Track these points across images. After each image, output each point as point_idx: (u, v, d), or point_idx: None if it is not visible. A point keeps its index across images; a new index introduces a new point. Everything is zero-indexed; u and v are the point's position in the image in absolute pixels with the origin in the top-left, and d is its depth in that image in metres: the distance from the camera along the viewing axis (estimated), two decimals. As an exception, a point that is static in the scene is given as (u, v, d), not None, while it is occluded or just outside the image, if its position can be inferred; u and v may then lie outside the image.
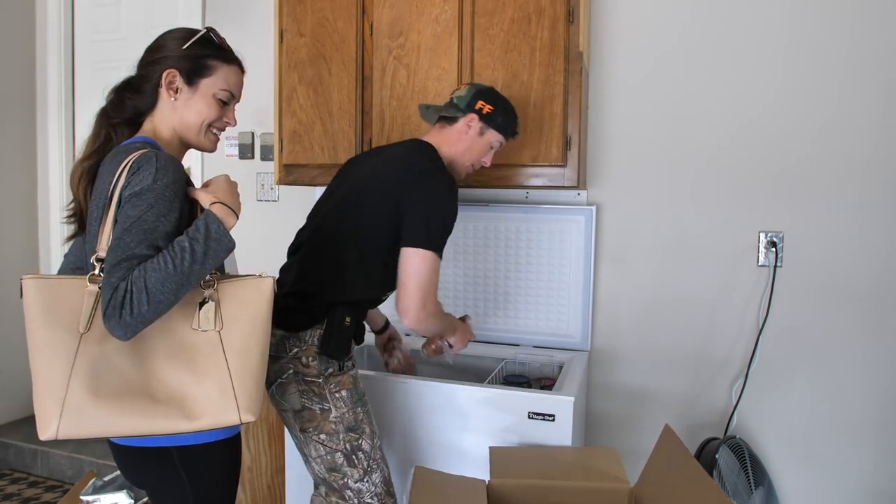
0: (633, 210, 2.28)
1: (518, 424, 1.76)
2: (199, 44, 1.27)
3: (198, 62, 1.27)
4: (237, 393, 1.11)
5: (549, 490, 1.50)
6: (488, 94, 1.76)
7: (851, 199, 2.06)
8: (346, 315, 1.55)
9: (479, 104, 1.73)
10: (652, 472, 1.50)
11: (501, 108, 1.75)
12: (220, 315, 1.15)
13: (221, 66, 1.30)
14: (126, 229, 1.09)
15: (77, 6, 3.28)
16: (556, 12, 1.97)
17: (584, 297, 2.29)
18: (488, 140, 1.75)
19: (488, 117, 1.73)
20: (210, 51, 1.28)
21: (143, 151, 1.15)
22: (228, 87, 1.31)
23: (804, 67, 2.08)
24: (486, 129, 1.74)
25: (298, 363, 1.53)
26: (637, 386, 2.30)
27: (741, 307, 2.18)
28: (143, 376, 1.09)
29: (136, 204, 1.10)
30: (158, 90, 1.26)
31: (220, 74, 1.29)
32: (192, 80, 1.27)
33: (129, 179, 1.12)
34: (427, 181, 1.60)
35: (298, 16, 2.27)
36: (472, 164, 1.78)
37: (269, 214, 2.86)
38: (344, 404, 1.54)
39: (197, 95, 1.27)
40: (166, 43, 1.27)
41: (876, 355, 2.06)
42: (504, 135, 1.77)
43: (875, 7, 2.01)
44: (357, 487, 1.55)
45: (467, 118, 1.73)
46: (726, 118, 2.16)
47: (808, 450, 2.13)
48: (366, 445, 1.56)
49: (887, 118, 2.01)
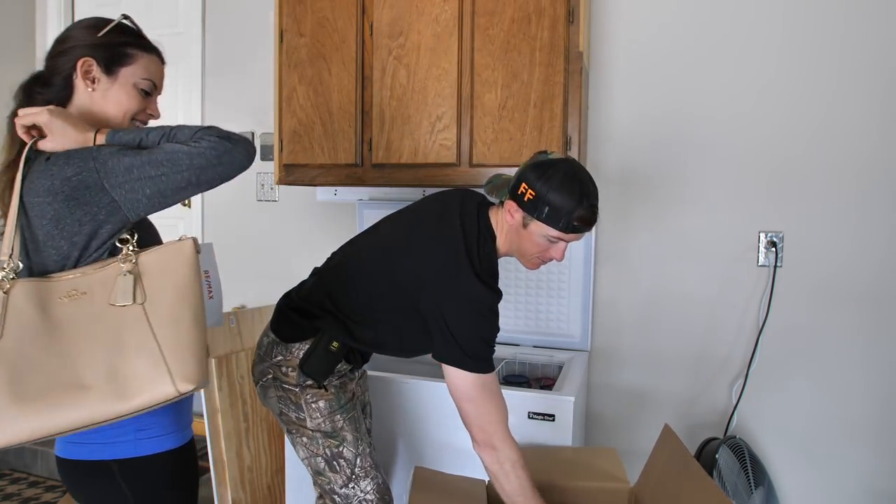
0: (633, 210, 2.28)
1: (518, 424, 1.75)
2: (115, 31, 1.19)
3: (116, 50, 1.19)
4: (169, 364, 1.05)
5: (549, 490, 1.50)
6: (537, 172, 1.38)
7: (852, 198, 2.06)
8: (334, 340, 1.47)
9: (521, 187, 1.39)
10: (652, 472, 1.50)
11: (552, 190, 1.35)
12: (140, 288, 1.09)
13: (141, 54, 1.22)
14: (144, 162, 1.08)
15: (77, 6, 3.28)
16: (556, 12, 1.97)
17: (584, 296, 2.29)
18: (536, 233, 1.40)
19: (530, 206, 1.37)
20: (128, 38, 1.21)
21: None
22: (150, 77, 1.23)
23: (804, 67, 2.08)
24: (530, 219, 1.39)
25: (279, 370, 1.51)
26: (637, 386, 2.30)
27: (741, 307, 2.18)
28: (70, 366, 1.04)
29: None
30: (73, 81, 1.18)
31: (140, 63, 1.21)
32: (111, 69, 1.19)
33: (60, 169, 1.07)
34: (459, 294, 1.38)
35: (298, 16, 2.27)
36: (540, 260, 1.47)
37: (269, 214, 2.86)
38: (320, 414, 1.50)
39: (117, 85, 1.19)
40: (77, 32, 1.19)
41: (876, 355, 2.06)
42: (555, 228, 1.37)
43: (874, 5, 2.01)
44: (343, 493, 1.53)
45: (508, 205, 1.43)
46: (726, 118, 2.16)
47: (807, 450, 2.13)
48: (348, 453, 1.52)
49: (885, 117, 2.01)
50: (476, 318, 1.38)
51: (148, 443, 1.18)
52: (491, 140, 2.05)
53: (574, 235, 1.40)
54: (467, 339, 1.38)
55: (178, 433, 1.23)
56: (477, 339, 1.38)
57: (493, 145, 2.05)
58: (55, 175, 1.06)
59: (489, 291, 1.39)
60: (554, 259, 1.46)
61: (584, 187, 1.37)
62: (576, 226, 1.37)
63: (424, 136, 2.12)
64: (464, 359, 1.38)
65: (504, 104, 2.04)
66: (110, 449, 1.16)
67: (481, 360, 1.39)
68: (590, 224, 1.39)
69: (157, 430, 1.20)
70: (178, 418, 1.24)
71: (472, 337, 1.38)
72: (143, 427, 1.18)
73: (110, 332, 1.06)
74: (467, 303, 1.38)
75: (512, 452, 1.39)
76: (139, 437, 1.18)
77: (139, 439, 1.18)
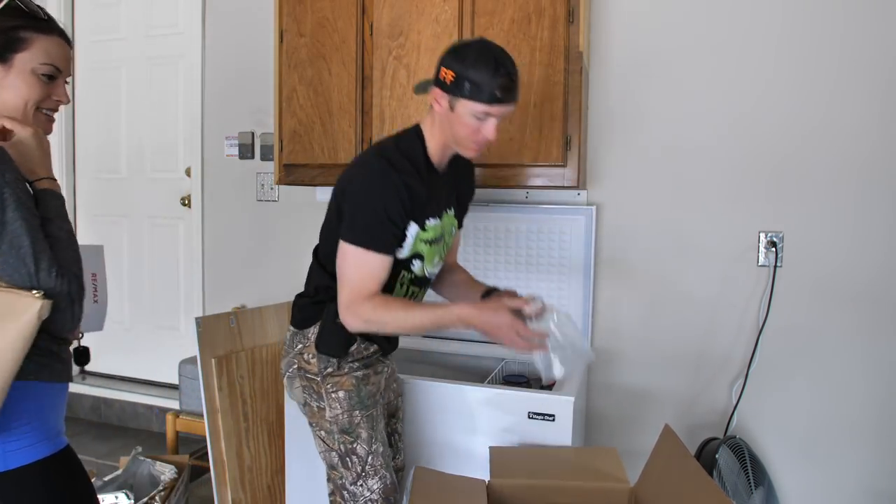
0: (633, 210, 2.28)
1: (518, 424, 1.76)
2: (5, 15, 1.10)
3: (7, 35, 1.10)
4: None
5: (549, 490, 1.50)
6: (452, 54, 1.41)
7: (852, 198, 2.06)
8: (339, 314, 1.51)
9: (441, 72, 1.41)
10: (652, 472, 1.50)
11: (469, 67, 1.37)
12: None
13: (38, 37, 1.12)
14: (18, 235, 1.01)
15: (77, 6, 3.28)
16: (556, 12, 1.97)
17: (584, 296, 2.29)
18: (463, 113, 1.41)
19: (453, 87, 1.39)
20: (20, 21, 1.11)
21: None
22: (50, 61, 1.13)
23: (804, 67, 2.08)
24: (455, 100, 1.40)
25: (302, 359, 1.56)
26: (637, 386, 2.30)
27: (741, 307, 2.18)
28: None
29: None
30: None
31: (38, 46, 1.12)
32: (4, 57, 1.10)
33: None
34: (356, 171, 1.47)
35: (298, 16, 2.27)
36: (474, 143, 1.47)
37: (269, 214, 2.86)
38: (339, 405, 1.54)
39: (12, 74, 1.11)
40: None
41: (876, 355, 2.06)
42: (479, 101, 1.38)
43: (872, 4, 2.01)
44: (352, 490, 1.55)
45: (433, 94, 1.45)
46: (727, 118, 2.16)
47: (807, 450, 2.13)
48: (360, 450, 1.54)
49: (885, 116, 2.01)
50: (368, 186, 1.42)
51: (19, 453, 1.09)
52: (491, 140, 2.05)
53: (499, 108, 1.40)
54: (359, 208, 1.42)
55: (50, 440, 1.14)
56: (368, 210, 1.41)
57: (493, 145, 2.05)
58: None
59: (387, 164, 1.42)
60: (487, 138, 1.45)
61: (498, 58, 1.39)
62: (498, 96, 1.38)
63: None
64: (352, 229, 1.43)
65: (504, 104, 2.03)
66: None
67: (368, 233, 1.42)
68: (511, 92, 1.40)
69: (28, 439, 1.11)
70: (49, 426, 1.14)
71: (363, 205, 1.42)
72: (12, 438, 1.09)
73: None
74: (362, 171, 1.45)
75: (367, 304, 1.41)
76: (7, 450, 1.08)
77: (8, 451, 1.08)
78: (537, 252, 2.33)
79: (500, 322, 1.40)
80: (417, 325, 1.46)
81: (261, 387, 2.12)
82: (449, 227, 1.64)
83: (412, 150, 1.49)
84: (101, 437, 3.03)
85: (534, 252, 2.34)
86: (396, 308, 1.44)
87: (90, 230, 3.32)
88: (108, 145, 3.25)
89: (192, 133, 3.02)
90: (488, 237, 2.38)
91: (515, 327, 1.39)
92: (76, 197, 3.35)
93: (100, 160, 3.29)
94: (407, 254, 1.51)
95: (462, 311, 1.44)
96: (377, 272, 1.44)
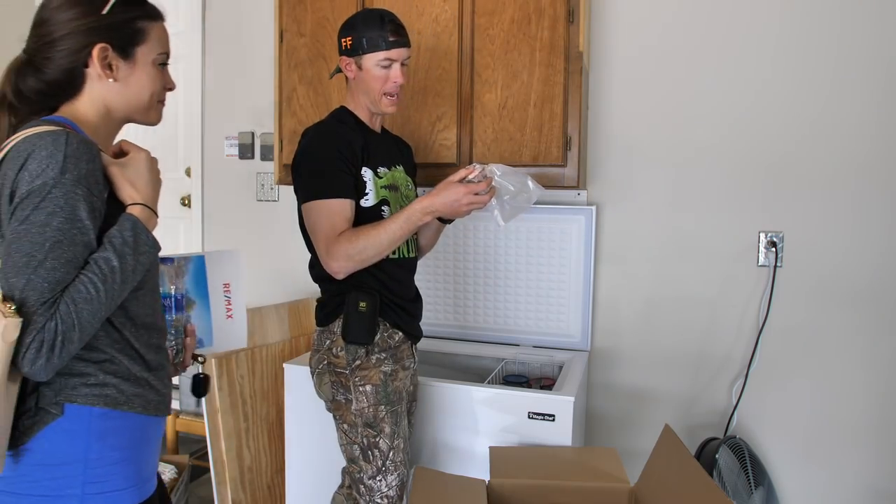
0: (633, 210, 2.28)
1: (518, 424, 1.76)
2: (124, 3, 1.01)
3: (128, 28, 1.01)
4: None
5: (549, 490, 1.50)
6: (343, 27, 1.62)
7: (852, 198, 2.06)
8: (360, 301, 1.56)
9: (341, 43, 1.61)
10: (652, 472, 1.50)
11: (360, 27, 1.57)
12: None
13: (152, 25, 1.05)
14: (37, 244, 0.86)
15: (77, 6, 3.28)
16: (556, 12, 1.97)
17: (584, 297, 2.29)
18: (370, 67, 1.57)
19: (353, 49, 1.57)
20: (136, 11, 1.03)
21: (40, 131, 0.90)
22: (164, 49, 1.07)
23: (803, 66, 2.08)
24: (360, 58, 1.58)
25: (330, 354, 1.60)
26: (637, 386, 2.30)
27: (741, 307, 2.18)
28: None
29: (40, 206, 0.87)
30: (83, 72, 1.00)
31: (153, 36, 1.05)
32: (128, 52, 1.02)
33: (22, 170, 0.88)
34: (297, 149, 1.60)
35: (298, 16, 2.27)
36: (386, 95, 1.60)
37: (269, 214, 2.86)
38: (366, 399, 1.57)
39: (137, 69, 1.03)
40: (68, 12, 0.99)
41: (876, 355, 2.06)
42: (378, 50, 1.56)
43: (871, 3, 2.01)
44: (370, 485, 1.58)
45: (342, 63, 1.63)
46: (727, 118, 2.16)
47: (808, 450, 2.13)
48: (383, 445, 1.57)
49: (884, 115, 2.01)
50: (307, 148, 1.57)
51: (97, 499, 0.95)
52: (491, 140, 2.05)
53: (396, 51, 1.57)
54: (305, 167, 1.55)
55: (138, 486, 1.00)
56: (313, 164, 1.54)
57: (493, 145, 2.05)
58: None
59: (320, 127, 1.61)
60: (395, 81, 1.58)
61: (382, 13, 1.59)
62: (392, 40, 1.56)
63: (424, 136, 2.12)
64: (304, 187, 1.55)
65: (504, 104, 2.04)
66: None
67: (318, 183, 1.52)
68: (401, 35, 1.58)
69: (112, 483, 0.97)
70: (139, 467, 1.01)
71: (308, 163, 1.55)
72: (97, 479, 0.95)
73: None
74: (301, 143, 1.59)
75: (340, 241, 1.49)
76: (87, 493, 0.94)
77: (87, 494, 0.94)
78: (537, 252, 2.33)
79: (455, 194, 1.48)
80: (391, 233, 1.50)
81: (261, 387, 2.12)
82: (402, 180, 1.71)
83: (341, 116, 1.65)
84: (101, 437, 3.03)
85: (533, 252, 2.33)
86: (367, 230, 1.51)
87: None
88: (108, 145, 3.24)
89: (192, 133, 3.01)
90: (488, 237, 2.38)
91: (469, 191, 1.47)
92: (76, 197, 3.35)
93: (100, 160, 3.29)
94: (374, 200, 1.59)
95: (420, 203, 1.50)
96: (340, 214, 1.52)
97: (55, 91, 1.01)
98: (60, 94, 1.01)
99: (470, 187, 1.47)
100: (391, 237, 1.50)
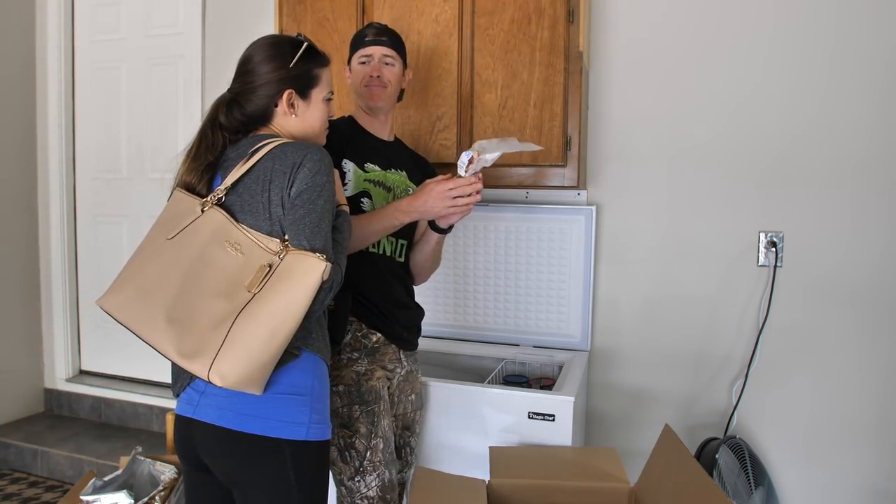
0: (633, 210, 2.28)
1: (518, 424, 1.76)
2: (304, 58, 1.34)
3: (307, 77, 1.35)
4: (220, 352, 1.10)
5: (549, 490, 1.50)
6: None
7: (852, 198, 2.06)
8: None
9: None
10: (652, 472, 1.50)
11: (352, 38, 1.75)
12: (263, 283, 1.15)
13: (323, 70, 1.38)
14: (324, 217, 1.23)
15: (77, 6, 3.28)
16: (556, 12, 1.97)
17: (584, 297, 2.29)
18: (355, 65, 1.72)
19: (348, 58, 1.74)
20: (313, 62, 1.36)
21: (291, 141, 1.30)
22: (331, 88, 1.41)
23: (802, 66, 2.08)
24: (350, 63, 1.74)
25: None
26: (637, 386, 2.31)
27: (741, 307, 2.18)
28: (178, 296, 1.15)
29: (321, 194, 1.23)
30: (272, 109, 1.34)
31: (324, 79, 1.38)
32: (306, 94, 1.35)
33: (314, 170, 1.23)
34: None
35: (298, 16, 2.27)
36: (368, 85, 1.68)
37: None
38: (339, 399, 1.55)
39: (312, 106, 1.36)
40: (268, 65, 1.33)
41: (876, 355, 2.06)
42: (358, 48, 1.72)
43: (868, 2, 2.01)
44: (349, 486, 1.56)
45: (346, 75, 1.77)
46: (726, 118, 2.16)
47: (808, 449, 2.13)
48: (359, 445, 1.56)
49: (882, 115, 2.01)
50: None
51: (318, 428, 1.24)
52: (491, 140, 2.05)
53: (373, 48, 1.69)
54: None
55: (329, 424, 1.31)
56: None
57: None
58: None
59: None
60: (370, 74, 1.67)
61: (371, 24, 1.77)
62: (369, 39, 1.70)
63: (424, 136, 2.12)
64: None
65: (504, 104, 2.04)
66: (287, 429, 1.20)
67: None
68: (380, 35, 1.70)
69: (324, 417, 1.28)
70: (328, 408, 1.32)
71: None
72: (317, 412, 1.25)
73: (221, 297, 1.15)
74: None
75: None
76: (312, 421, 1.23)
77: (312, 423, 1.23)
78: (537, 252, 2.33)
79: (432, 194, 1.49)
80: (370, 228, 1.54)
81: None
82: (400, 184, 1.72)
83: (338, 119, 1.70)
84: (102, 437, 3.03)
85: (533, 252, 2.34)
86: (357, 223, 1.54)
87: (90, 230, 3.32)
88: (108, 145, 3.24)
89: (192, 133, 3.00)
90: (488, 237, 2.38)
91: (445, 190, 1.48)
92: (76, 197, 3.35)
93: (100, 160, 3.28)
94: (353, 191, 1.61)
95: (400, 203, 1.54)
96: None
97: (252, 121, 1.35)
98: (256, 123, 1.36)
99: (446, 184, 1.49)
100: (364, 231, 1.52)
